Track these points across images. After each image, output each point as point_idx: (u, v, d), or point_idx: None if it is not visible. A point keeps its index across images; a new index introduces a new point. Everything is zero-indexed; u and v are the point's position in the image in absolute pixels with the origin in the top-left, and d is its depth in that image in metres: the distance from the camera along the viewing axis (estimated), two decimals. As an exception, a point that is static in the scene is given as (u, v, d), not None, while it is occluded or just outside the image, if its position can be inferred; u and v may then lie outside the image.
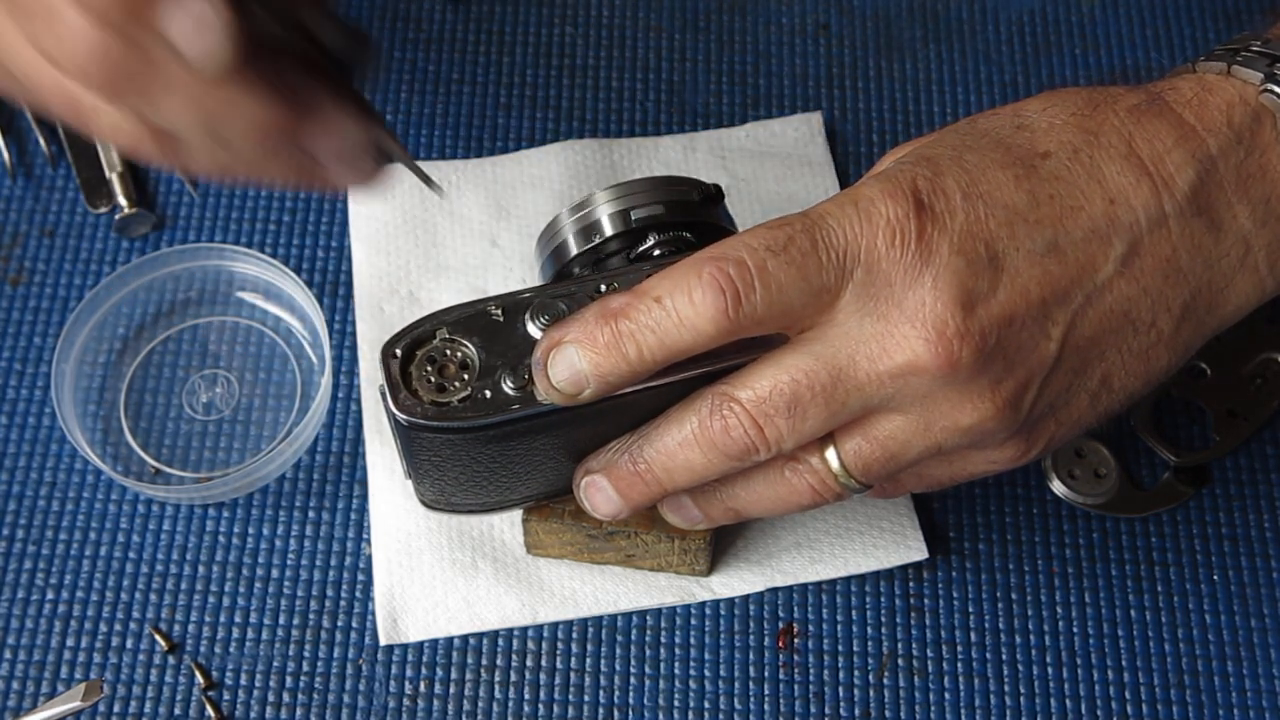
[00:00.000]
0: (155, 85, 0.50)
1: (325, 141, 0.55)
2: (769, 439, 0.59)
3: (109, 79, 0.50)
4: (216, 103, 0.51)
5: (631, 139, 0.88)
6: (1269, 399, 0.79)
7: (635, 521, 0.71)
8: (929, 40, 0.92)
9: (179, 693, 0.73)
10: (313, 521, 0.77)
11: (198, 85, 0.50)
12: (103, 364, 0.81)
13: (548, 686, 0.73)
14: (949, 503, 0.78)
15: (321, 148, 0.56)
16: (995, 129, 0.61)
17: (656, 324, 0.57)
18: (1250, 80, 0.61)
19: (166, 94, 0.50)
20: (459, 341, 0.61)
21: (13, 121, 0.88)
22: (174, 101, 0.51)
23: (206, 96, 0.51)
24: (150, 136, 0.54)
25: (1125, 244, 0.59)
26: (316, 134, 0.55)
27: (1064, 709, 0.73)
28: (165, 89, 0.50)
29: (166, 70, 0.50)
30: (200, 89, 0.50)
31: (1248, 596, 0.76)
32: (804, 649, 0.74)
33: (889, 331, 0.57)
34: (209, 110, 0.51)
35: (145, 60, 0.50)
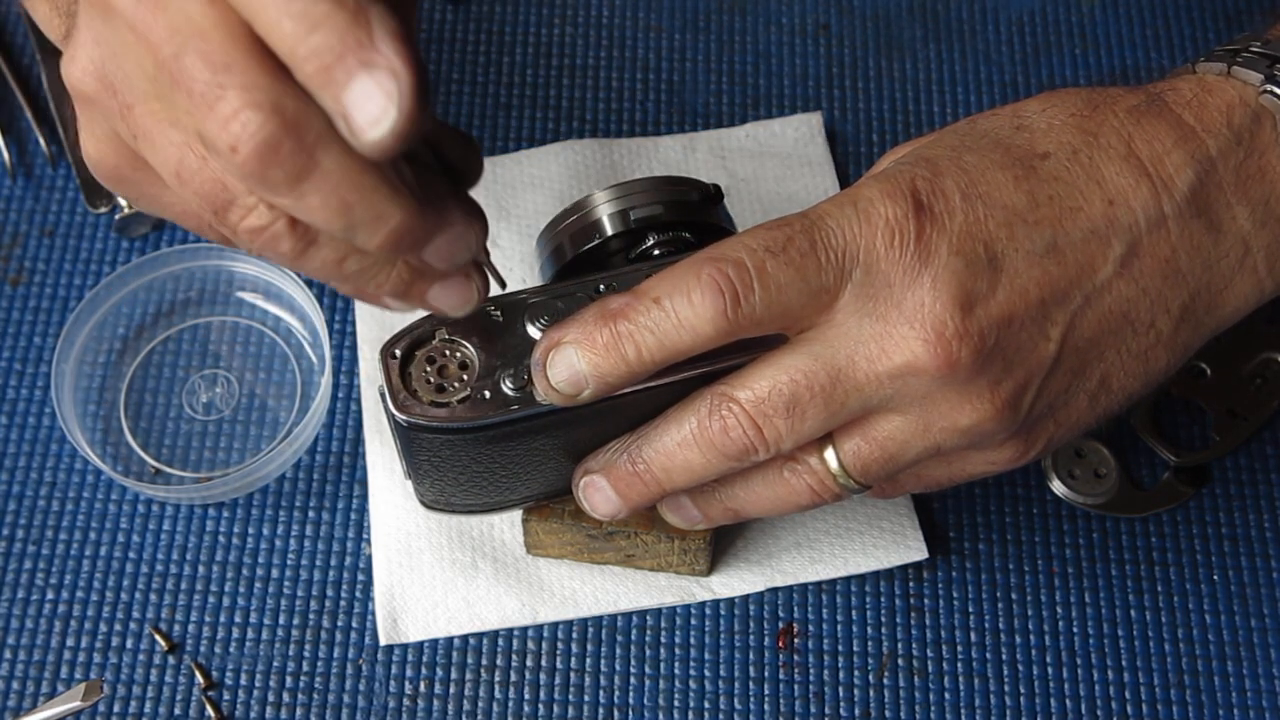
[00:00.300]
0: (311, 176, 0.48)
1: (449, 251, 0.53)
2: (768, 439, 0.59)
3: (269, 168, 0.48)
4: (362, 200, 0.49)
5: (631, 139, 0.88)
6: (1269, 399, 0.79)
7: (635, 521, 0.71)
8: (929, 40, 0.92)
9: (179, 693, 0.73)
10: (313, 521, 0.77)
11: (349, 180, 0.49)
12: (103, 364, 0.81)
13: (548, 686, 0.73)
14: (949, 503, 0.78)
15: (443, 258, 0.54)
16: (995, 129, 0.61)
17: (655, 325, 0.57)
18: (1250, 81, 0.61)
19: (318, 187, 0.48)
20: (458, 342, 0.61)
21: (13, 122, 0.88)
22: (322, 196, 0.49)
23: (354, 192, 0.49)
24: (289, 231, 0.52)
25: (1124, 245, 0.59)
26: (441, 245, 0.53)
27: (1064, 709, 0.73)
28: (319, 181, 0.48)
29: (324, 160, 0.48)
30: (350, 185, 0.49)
31: (1248, 596, 0.76)
32: (804, 649, 0.74)
33: (888, 332, 0.57)
34: (353, 207, 0.49)
35: (306, 149, 0.48)
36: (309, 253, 0.53)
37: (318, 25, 0.45)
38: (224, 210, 0.52)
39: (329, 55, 0.45)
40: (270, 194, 0.49)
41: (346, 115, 0.46)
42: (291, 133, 0.47)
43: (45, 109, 0.88)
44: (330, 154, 0.48)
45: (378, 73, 0.45)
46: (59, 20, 0.61)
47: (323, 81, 0.46)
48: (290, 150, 0.47)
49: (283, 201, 0.49)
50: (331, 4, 0.45)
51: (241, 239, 0.53)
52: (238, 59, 0.47)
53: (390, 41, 0.45)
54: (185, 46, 0.48)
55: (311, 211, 0.49)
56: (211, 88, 0.47)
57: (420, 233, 0.51)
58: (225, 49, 0.47)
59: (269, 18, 0.46)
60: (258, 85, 0.47)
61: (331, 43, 0.45)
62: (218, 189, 0.52)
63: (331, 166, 0.48)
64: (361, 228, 0.50)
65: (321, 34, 0.45)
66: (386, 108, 0.45)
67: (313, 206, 0.49)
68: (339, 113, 0.46)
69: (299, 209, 0.49)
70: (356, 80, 0.45)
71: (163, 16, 0.48)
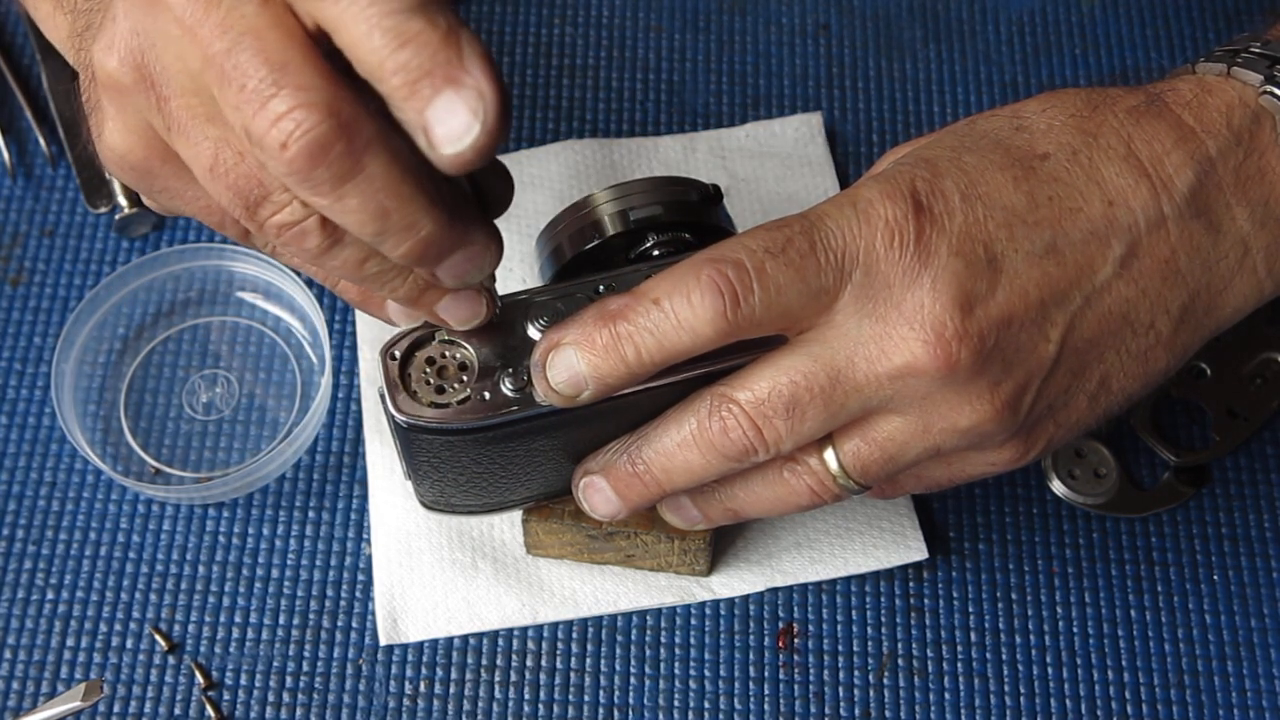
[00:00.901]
0: (354, 179, 0.49)
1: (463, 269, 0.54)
2: (768, 440, 0.59)
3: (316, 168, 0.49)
4: (399, 208, 0.50)
5: (631, 139, 0.88)
6: (1269, 399, 0.79)
7: (635, 522, 0.71)
8: (929, 40, 0.92)
9: (179, 693, 0.73)
10: (313, 521, 0.77)
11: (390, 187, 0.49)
12: (103, 364, 0.81)
13: (548, 686, 0.73)
14: (949, 503, 0.78)
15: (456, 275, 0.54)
16: (994, 130, 0.61)
17: (655, 326, 0.57)
18: (1250, 82, 0.61)
19: (360, 190, 0.49)
20: (458, 343, 0.61)
21: (13, 121, 0.88)
22: (362, 199, 0.50)
23: (393, 199, 0.50)
24: (319, 228, 0.53)
25: (1124, 245, 0.59)
26: (458, 262, 0.54)
27: (1064, 709, 0.73)
28: (362, 185, 0.49)
29: (370, 165, 0.49)
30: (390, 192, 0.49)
31: (1248, 596, 0.76)
32: (804, 649, 0.74)
33: (887, 333, 0.57)
34: (390, 214, 0.50)
35: (355, 153, 0.49)
36: (333, 250, 0.54)
37: (408, 41, 0.47)
38: (256, 205, 0.53)
39: (417, 71, 0.47)
40: (311, 193, 0.50)
41: (427, 128, 0.47)
42: (343, 135, 0.48)
43: (45, 109, 0.88)
44: (377, 160, 0.49)
45: (465, 91, 0.47)
46: (63, 17, 0.61)
47: (407, 94, 0.47)
48: (340, 152, 0.48)
49: (321, 202, 0.50)
50: (425, 22, 0.47)
51: (269, 234, 0.54)
52: (294, 58, 0.48)
53: (480, 64, 0.47)
54: (240, 43, 0.49)
55: (348, 213, 0.50)
56: (266, 85, 0.48)
57: (444, 247, 0.52)
58: (282, 48, 0.48)
59: (358, 30, 0.47)
60: (314, 86, 0.48)
61: (422, 59, 0.47)
62: (252, 185, 0.52)
63: (376, 172, 0.49)
64: (392, 235, 0.51)
65: (411, 50, 0.47)
66: (470, 124, 0.47)
67: (350, 208, 0.50)
68: (419, 125, 0.47)
69: (336, 209, 0.50)
70: (442, 96, 0.47)
71: (216, 13, 0.49)
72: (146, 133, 0.56)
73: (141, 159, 0.57)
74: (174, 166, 0.56)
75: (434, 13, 0.47)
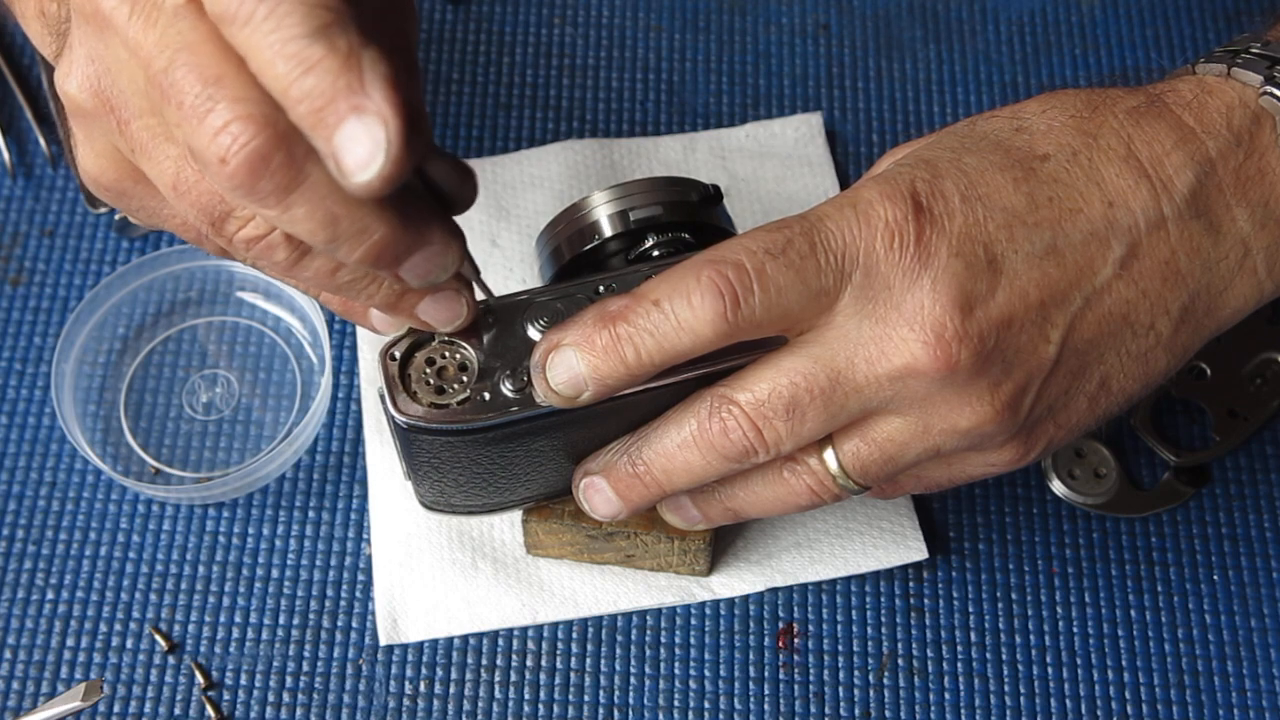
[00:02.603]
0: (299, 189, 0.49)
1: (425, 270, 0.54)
2: (768, 441, 0.59)
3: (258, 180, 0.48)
4: (348, 214, 0.50)
5: (631, 139, 0.88)
6: (1269, 399, 0.79)
7: (635, 522, 0.71)
8: (929, 40, 0.92)
9: (179, 693, 0.73)
10: (313, 521, 0.77)
11: (336, 194, 0.49)
12: (103, 364, 0.81)
13: (548, 686, 0.73)
14: (949, 503, 0.78)
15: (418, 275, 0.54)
16: (994, 131, 0.61)
17: (655, 327, 0.57)
18: (1250, 83, 0.61)
19: (305, 199, 0.49)
20: (457, 343, 0.61)
21: (13, 122, 0.88)
22: (309, 208, 0.49)
23: (340, 206, 0.50)
24: (284, 241, 0.53)
25: (1124, 246, 0.59)
26: (418, 262, 0.53)
27: (1064, 709, 0.73)
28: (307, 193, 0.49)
29: (313, 174, 0.49)
30: (337, 198, 0.49)
31: (1248, 596, 0.76)
32: (804, 649, 0.74)
33: (887, 334, 0.57)
34: (339, 220, 0.50)
35: (296, 163, 0.48)
36: (303, 262, 0.54)
37: (311, 68, 0.46)
38: (221, 222, 0.53)
39: (320, 99, 0.46)
40: (258, 205, 0.50)
41: (336, 157, 0.47)
42: (282, 146, 0.48)
43: (45, 109, 0.88)
44: (320, 167, 0.49)
45: (367, 118, 0.46)
46: (50, 39, 0.61)
47: (313, 123, 0.47)
48: (280, 163, 0.48)
49: (270, 213, 0.50)
50: (325, 48, 0.46)
51: (237, 249, 0.54)
52: (228, 73, 0.48)
53: (381, 87, 0.46)
54: (175, 60, 0.48)
55: (297, 223, 0.50)
56: (202, 100, 0.48)
57: (399, 249, 0.52)
58: (216, 63, 0.48)
59: (263, 58, 0.47)
60: (249, 99, 0.48)
61: (323, 86, 0.46)
62: (215, 201, 0.53)
63: (319, 180, 0.49)
64: (345, 241, 0.50)
65: (314, 77, 0.46)
66: (374, 152, 0.46)
67: (298, 218, 0.50)
68: (329, 154, 0.47)
69: (285, 220, 0.50)
70: (346, 124, 0.46)
71: (153, 32, 0.49)
72: (114, 155, 0.56)
73: (114, 180, 0.57)
74: (145, 186, 0.56)
75: (335, 35, 0.46)
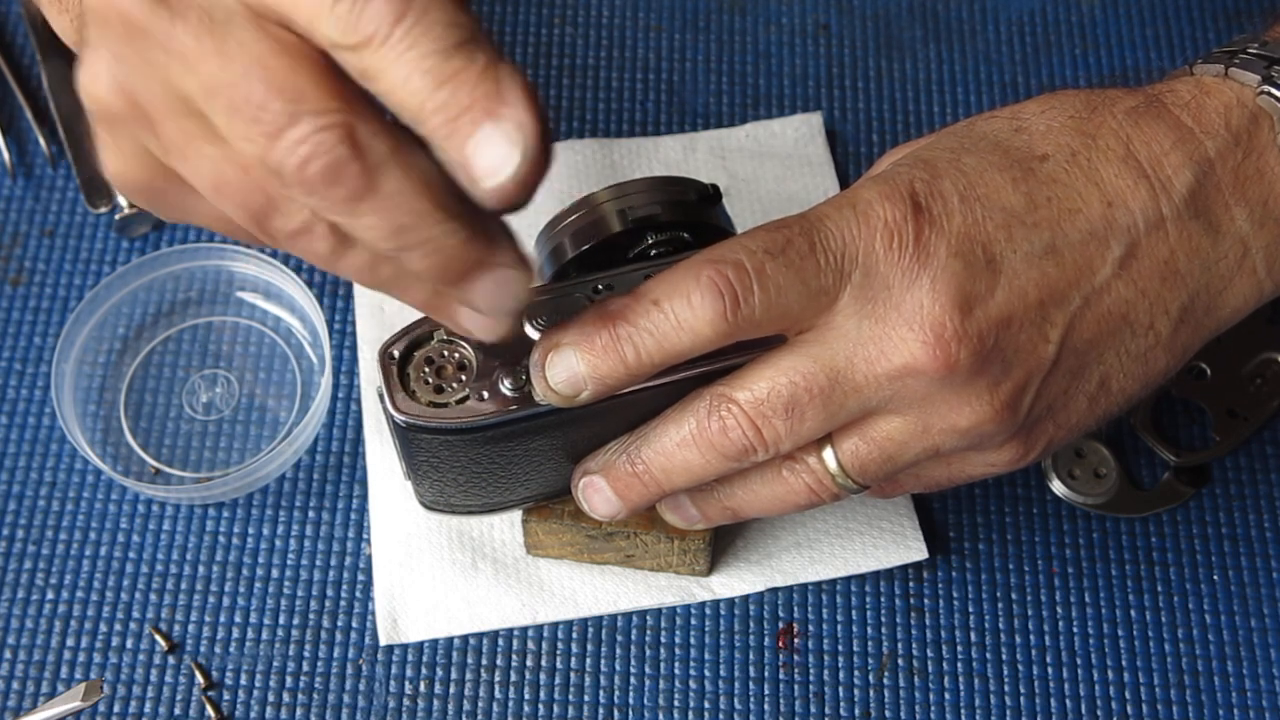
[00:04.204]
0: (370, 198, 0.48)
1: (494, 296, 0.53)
2: (767, 440, 0.59)
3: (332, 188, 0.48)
4: (416, 224, 0.49)
5: (631, 139, 0.88)
6: (1269, 399, 0.79)
7: (635, 522, 0.71)
8: (929, 40, 0.92)
9: (179, 693, 0.73)
10: (313, 521, 0.77)
11: (405, 204, 0.49)
12: (103, 364, 0.81)
13: (548, 686, 0.73)
14: (949, 503, 0.78)
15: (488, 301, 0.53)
16: (993, 131, 0.61)
17: (654, 327, 0.57)
18: (1247, 83, 0.61)
19: (375, 208, 0.49)
20: (456, 343, 0.61)
21: (13, 122, 0.88)
22: (378, 216, 0.49)
23: (409, 216, 0.49)
24: (329, 233, 0.52)
25: (1123, 246, 0.59)
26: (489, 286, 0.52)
27: (1064, 709, 0.73)
28: (377, 202, 0.49)
29: (385, 184, 0.48)
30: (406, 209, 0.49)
31: (1248, 596, 0.76)
32: (804, 649, 0.74)
33: (887, 334, 0.57)
34: (406, 230, 0.49)
35: (369, 171, 0.48)
36: (345, 254, 0.53)
37: (446, 81, 0.46)
38: (265, 218, 0.52)
39: (456, 109, 0.47)
40: (328, 211, 0.49)
41: (467, 164, 0.47)
42: (358, 155, 0.48)
43: (45, 109, 0.88)
44: (391, 176, 0.48)
45: (503, 124, 0.47)
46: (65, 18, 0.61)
47: (447, 132, 0.47)
48: (356, 172, 0.48)
49: (338, 219, 0.50)
50: (463, 60, 0.47)
51: (280, 242, 0.53)
52: (305, 84, 0.48)
53: (518, 96, 0.47)
54: (249, 74, 0.48)
55: (365, 230, 0.50)
56: (281, 116, 0.48)
57: (466, 264, 0.51)
58: (293, 76, 0.48)
59: (396, 76, 0.47)
60: (328, 110, 0.48)
61: (460, 96, 0.46)
62: (259, 199, 0.52)
63: (391, 190, 0.48)
64: (410, 249, 0.50)
65: (450, 89, 0.46)
66: (509, 155, 0.47)
67: (367, 225, 0.49)
68: (460, 162, 0.47)
69: (353, 225, 0.50)
70: (481, 130, 0.47)
71: (210, 40, 0.48)
72: (144, 156, 0.55)
73: (145, 181, 0.56)
74: (177, 184, 0.55)
75: (472, 50, 0.47)
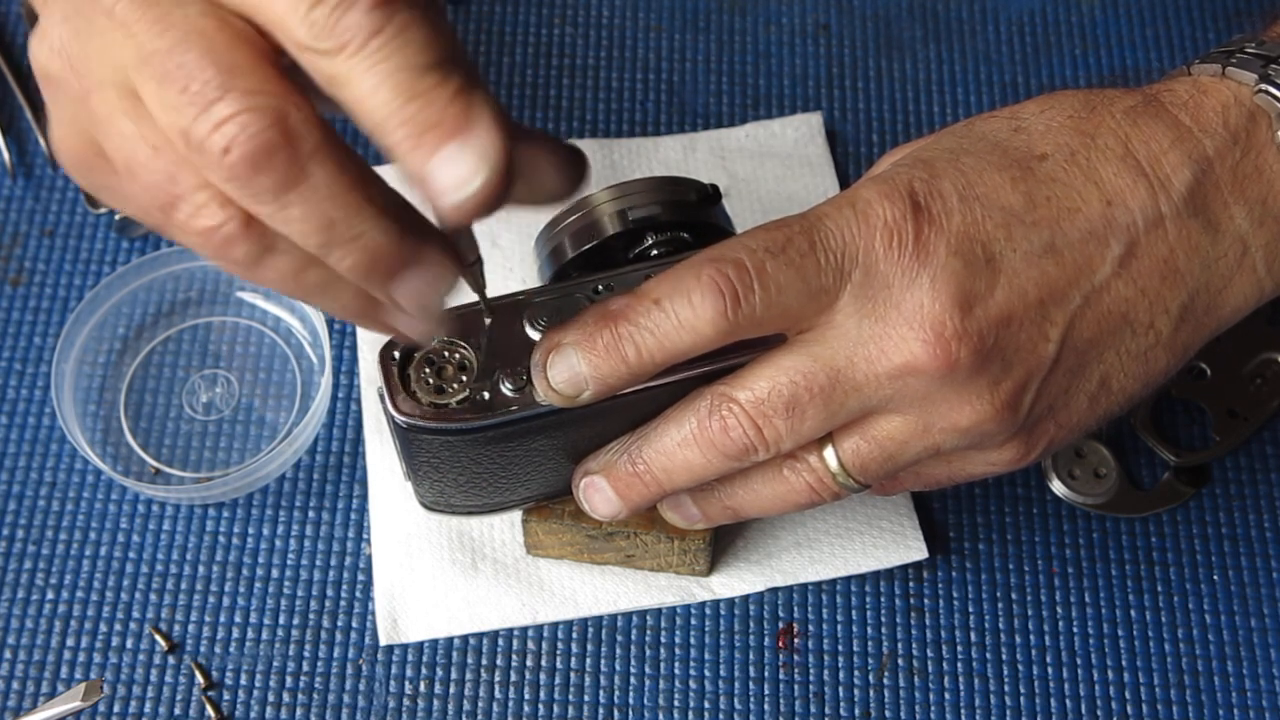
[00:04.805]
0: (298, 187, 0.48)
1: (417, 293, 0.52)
2: (767, 439, 0.59)
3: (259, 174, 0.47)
4: (345, 218, 0.48)
5: (631, 139, 0.88)
6: (1269, 399, 0.79)
7: (635, 522, 0.71)
8: (929, 40, 0.92)
9: (179, 693, 0.73)
10: (313, 521, 0.77)
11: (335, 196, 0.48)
12: (103, 364, 0.81)
13: (548, 686, 0.73)
14: (949, 503, 0.78)
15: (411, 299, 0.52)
16: (992, 131, 0.61)
17: (655, 326, 0.57)
18: (1245, 82, 0.61)
19: (303, 198, 0.48)
20: (457, 343, 0.61)
21: (13, 122, 0.89)
22: (306, 208, 0.48)
23: (339, 209, 0.48)
24: (243, 234, 0.50)
25: (1122, 245, 0.59)
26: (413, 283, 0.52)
27: (1064, 709, 0.73)
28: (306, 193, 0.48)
29: (315, 173, 0.47)
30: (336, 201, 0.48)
31: (1248, 596, 0.76)
32: (804, 649, 0.74)
33: (887, 333, 0.57)
34: (335, 224, 0.48)
35: (300, 160, 0.47)
36: (265, 260, 0.51)
37: (418, 96, 0.47)
38: (170, 207, 0.50)
39: (424, 124, 0.47)
40: (253, 201, 0.49)
41: (428, 178, 0.47)
42: (289, 141, 0.47)
43: (45, 109, 0.88)
44: (323, 168, 0.48)
45: (471, 144, 0.47)
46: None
47: (412, 146, 0.47)
48: (285, 159, 0.47)
49: (263, 210, 0.49)
50: (437, 79, 0.47)
51: (191, 240, 0.51)
52: (243, 63, 0.47)
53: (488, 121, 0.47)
54: (186, 43, 0.47)
55: (291, 222, 0.49)
56: (211, 87, 0.47)
57: (394, 262, 0.51)
58: (231, 52, 0.47)
59: (366, 85, 0.47)
60: (263, 91, 0.47)
61: (429, 114, 0.47)
62: (166, 183, 0.50)
63: (321, 180, 0.48)
64: (338, 246, 0.49)
65: (420, 104, 0.47)
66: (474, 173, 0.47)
67: (293, 218, 0.49)
68: (420, 175, 0.47)
69: (279, 219, 0.49)
70: (447, 148, 0.47)
71: (153, 9, 0.48)
72: (79, 127, 0.53)
73: (77, 153, 0.54)
74: (105, 161, 0.53)
75: (447, 71, 0.47)
